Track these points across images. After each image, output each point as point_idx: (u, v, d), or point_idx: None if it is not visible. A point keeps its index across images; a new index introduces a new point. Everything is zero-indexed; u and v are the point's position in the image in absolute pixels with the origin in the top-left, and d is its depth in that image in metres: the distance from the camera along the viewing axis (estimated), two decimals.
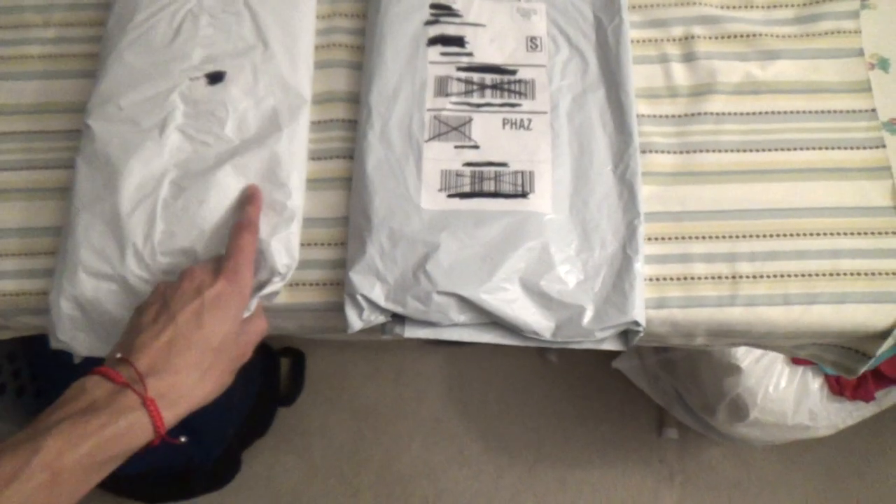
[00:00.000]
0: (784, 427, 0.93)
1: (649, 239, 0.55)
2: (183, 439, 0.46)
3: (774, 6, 0.62)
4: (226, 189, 0.54)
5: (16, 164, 0.59)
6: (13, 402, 1.06)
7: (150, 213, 0.53)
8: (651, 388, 1.21)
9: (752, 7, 0.62)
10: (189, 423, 1.05)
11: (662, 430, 1.27)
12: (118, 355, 0.43)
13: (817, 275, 0.54)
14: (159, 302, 0.46)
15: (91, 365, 0.44)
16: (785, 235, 0.55)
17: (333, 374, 1.32)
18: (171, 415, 0.42)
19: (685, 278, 0.55)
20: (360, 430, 1.29)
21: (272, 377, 1.28)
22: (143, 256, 0.52)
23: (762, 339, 0.57)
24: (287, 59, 0.58)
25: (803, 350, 0.60)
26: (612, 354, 1.22)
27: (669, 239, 0.56)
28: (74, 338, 0.52)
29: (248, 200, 0.53)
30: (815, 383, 0.92)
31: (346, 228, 0.56)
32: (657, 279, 0.55)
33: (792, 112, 0.59)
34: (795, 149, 0.58)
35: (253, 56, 0.58)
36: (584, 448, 1.28)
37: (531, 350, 1.34)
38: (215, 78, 0.57)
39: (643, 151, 0.58)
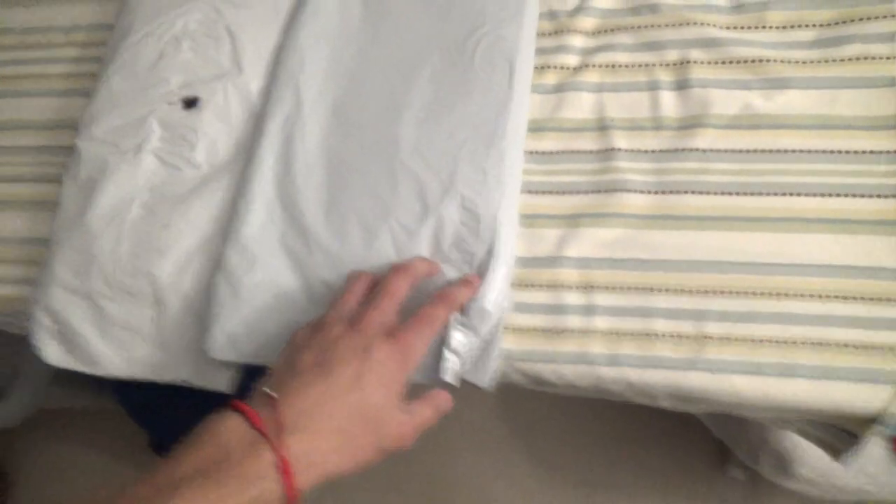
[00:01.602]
0: (836, 488, 0.83)
1: (609, 288, 0.51)
2: None
3: (792, 27, 0.54)
4: (188, 215, 0.56)
5: (27, 176, 0.64)
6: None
7: (118, 233, 0.56)
8: (712, 422, 1.12)
9: (764, 28, 0.55)
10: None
11: (726, 469, 1.17)
12: (266, 389, 0.40)
13: (799, 343, 0.47)
14: (319, 348, 0.42)
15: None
16: (766, 294, 0.49)
17: None
18: (303, 480, 0.37)
19: (644, 335, 0.50)
20: None
21: None
22: (107, 274, 0.55)
23: (733, 410, 0.50)
24: (259, 85, 0.59)
25: (789, 425, 0.53)
26: None
27: (631, 289, 0.51)
28: (46, 345, 0.56)
29: (462, 281, 0.49)
30: (877, 443, 0.81)
31: None
32: (613, 333, 0.50)
33: (795, 151, 0.52)
34: (794, 194, 0.51)
35: (227, 81, 0.59)
36: (636, 477, 1.21)
37: None
38: (190, 103, 0.59)
39: (616, 190, 0.53)
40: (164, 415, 1.02)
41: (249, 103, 0.58)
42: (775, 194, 0.51)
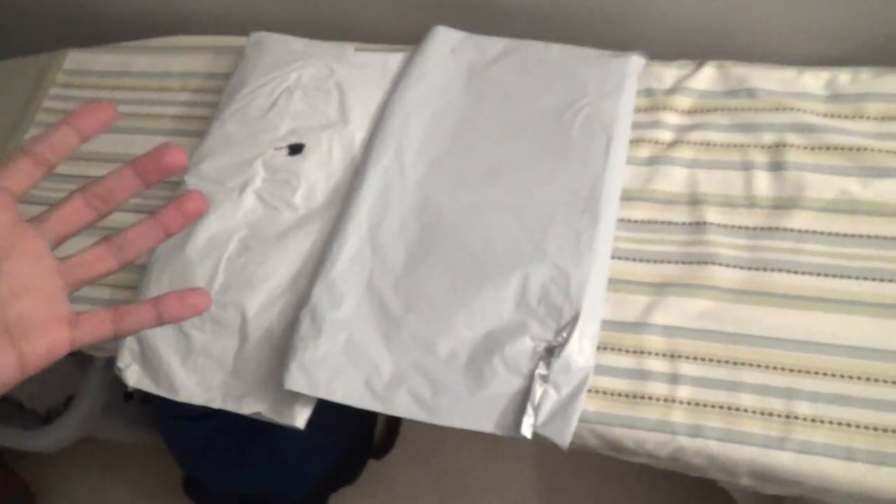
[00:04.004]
0: None
1: (695, 358, 0.51)
2: None
3: (890, 118, 0.56)
4: (283, 254, 0.58)
5: (127, 207, 0.67)
6: (139, 408, 1.17)
7: (214, 265, 0.59)
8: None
9: (861, 118, 0.56)
10: (277, 457, 1.09)
11: None
12: None
13: (890, 431, 0.46)
14: None
15: None
16: (860, 378, 0.48)
17: (429, 433, 1.32)
18: None
19: (729, 408, 0.49)
20: (445, 497, 1.28)
21: (367, 427, 1.31)
22: None
23: (817, 494, 0.49)
24: (362, 136, 0.62)
25: None
26: None
27: (717, 361, 0.50)
28: (129, 367, 0.58)
29: None
30: None
31: None
32: (697, 404, 0.50)
33: (891, 238, 0.52)
34: (890, 280, 0.51)
35: (332, 131, 0.62)
36: None
37: None
38: (296, 149, 0.62)
39: (707, 262, 0.53)
40: (203, 456, 1.03)
41: (351, 153, 0.61)
42: (870, 279, 0.51)
